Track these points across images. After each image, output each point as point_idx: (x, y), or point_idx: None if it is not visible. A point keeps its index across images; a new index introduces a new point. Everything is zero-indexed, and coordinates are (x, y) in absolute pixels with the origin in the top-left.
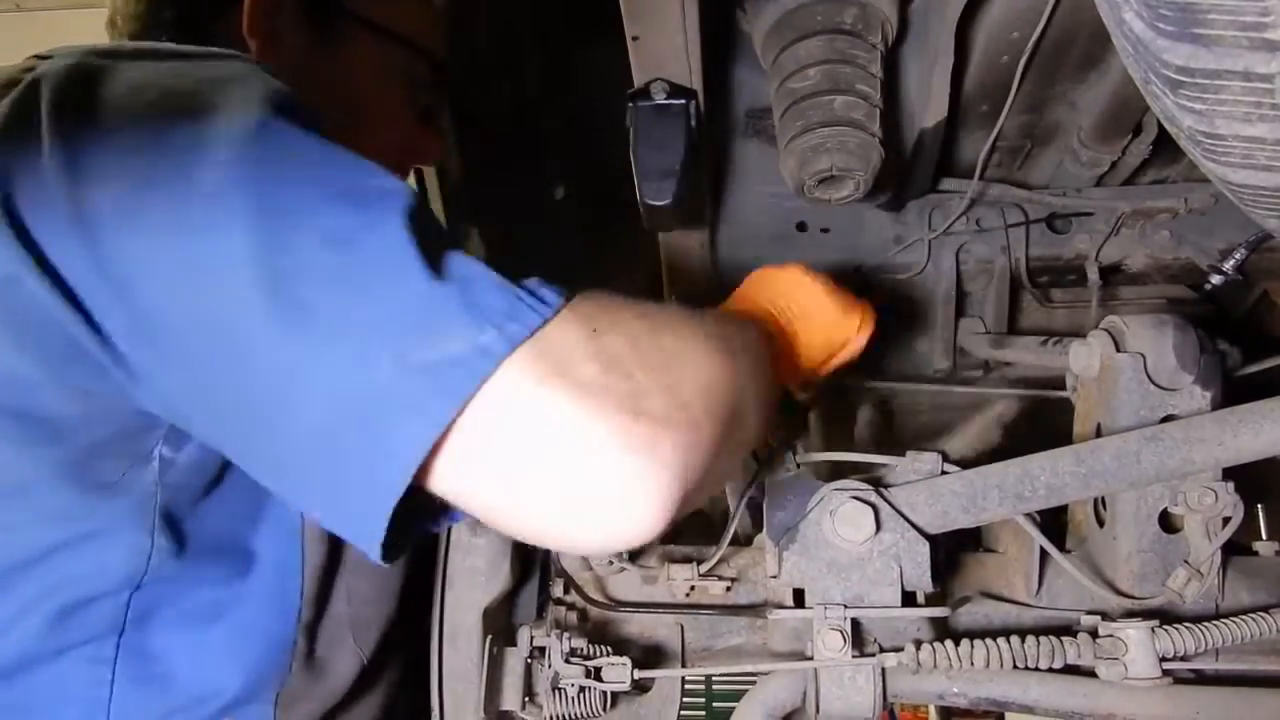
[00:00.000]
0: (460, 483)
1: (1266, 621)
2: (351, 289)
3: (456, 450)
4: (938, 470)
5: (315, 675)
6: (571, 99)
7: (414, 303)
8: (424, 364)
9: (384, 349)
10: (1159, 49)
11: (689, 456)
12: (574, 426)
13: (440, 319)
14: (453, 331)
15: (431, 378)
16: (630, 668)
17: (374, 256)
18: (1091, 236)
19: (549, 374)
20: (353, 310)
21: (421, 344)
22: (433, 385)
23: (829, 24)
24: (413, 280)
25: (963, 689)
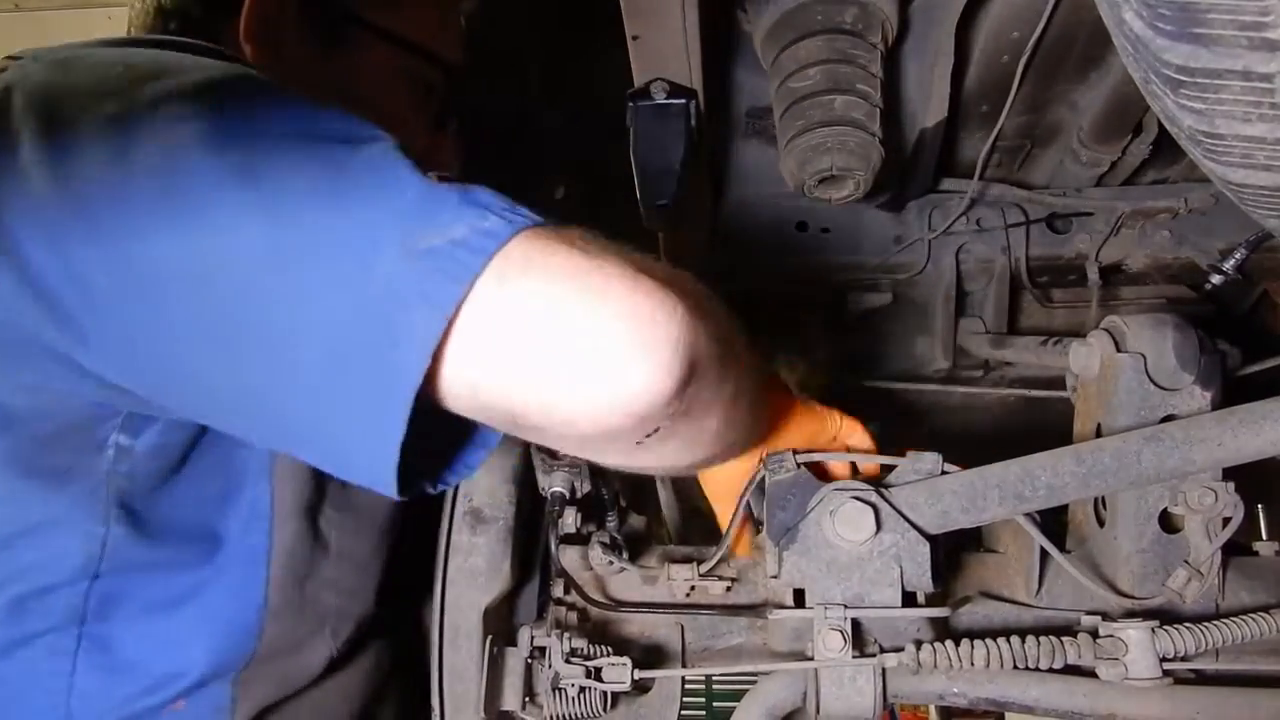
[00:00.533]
0: (473, 369)
1: (1267, 622)
2: (345, 196)
3: (469, 333)
4: (938, 470)
5: (282, 659)
6: (571, 99)
7: (413, 198)
8: (429, 249)
9: (387, 241)
10: (1159, 49)
11: (694, 324)
12: (582, 285)
13: (442, 210)
14: (456, 220)
15: (437, 260)
16: (630, 668)
17: (366, 167)
18: (1091, 236)
19: (553, 245)
20: (351, 212)
21: (425, 232)
22: (439, 267)
23: (829, 24)
24: (409, 182)
25: (963, 689)
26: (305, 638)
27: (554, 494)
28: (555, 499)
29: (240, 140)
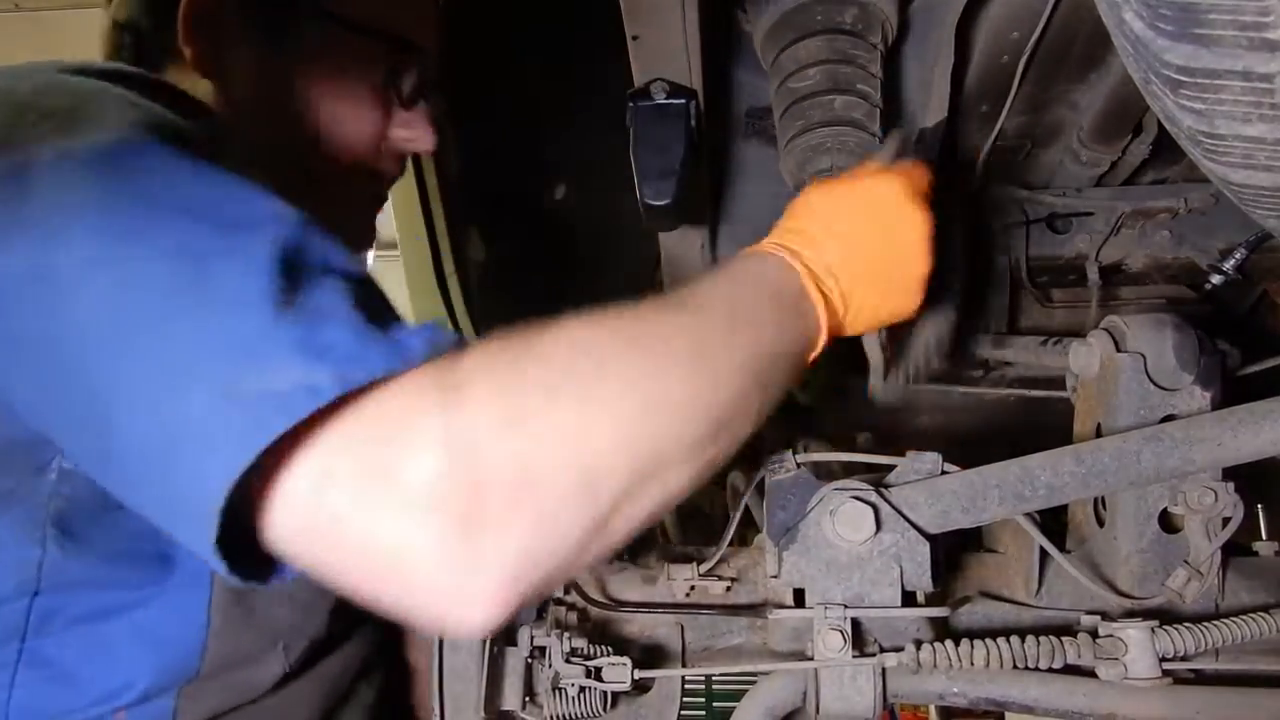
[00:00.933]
0: (276, 529)
1: (1266, 621)
2: (186, 310)
3: (273, 493)
4: (938, 470)
5: (229, 674)
6: (572, 99)
7: (248, 331)
8: (244, 395)
9: (205, 375)
10: (1159, 49)
11: (528, 563)
12: (387, 504)
13: (273, 351)
14: (283, 366)
15: (247, 409)
16: (630, 667)
17: (219, 279)
18: (1091, 236)
19: (372, 434)
20: (184, 332)
21: (248, 375)
22: (246, 417)
23: (829, 24)
24: (253, 308)
25: (963, 689)
26: (255, 654)
27: None
28: None
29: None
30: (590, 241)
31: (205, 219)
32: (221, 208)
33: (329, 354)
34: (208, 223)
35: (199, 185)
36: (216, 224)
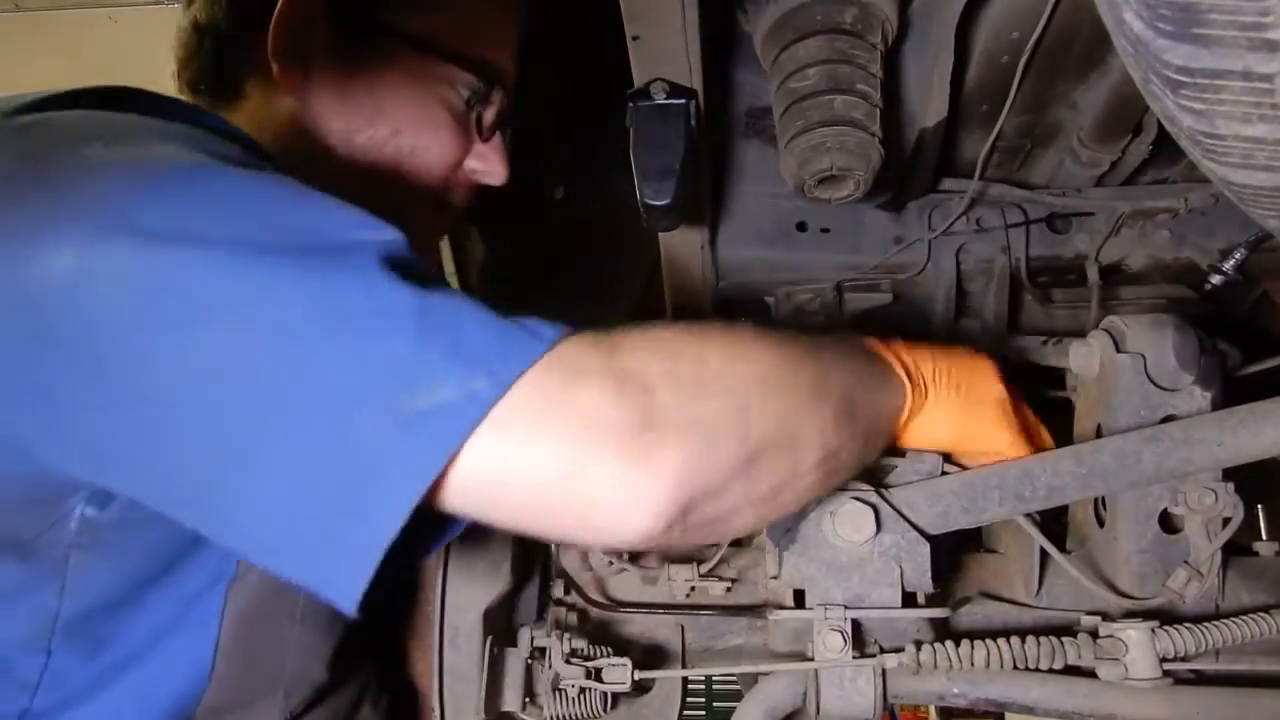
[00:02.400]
0: (470, 508)
1: (1267, 622)
2: (323, 340)
3: (461, 488)
4: (938, 471)
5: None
6: (572, 101)
7: (398, 358)
8: (413, 414)
9: (367, 407)
10: (1159, 49)
11: (692, 473)
12: (566, 459)
13: (430, 371)
14: (444, 380)
15: (424, 426)
16: (631, 668)
17: (346, 302)
18: (1091, 236)
19: (543, 404)
20: (338, 361)
21: (410, 396)
22: (426, 433)
23: (829, 24)
24: (395, 333)
25: (963, 690)
26: (254, 699)
27: None
28: None
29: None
30: (590, 241)
31: (310, 250)
32: (319, 232)
33: (479, 357)
34: (314, 254)
35: (293, 210)
36: (322, 253)
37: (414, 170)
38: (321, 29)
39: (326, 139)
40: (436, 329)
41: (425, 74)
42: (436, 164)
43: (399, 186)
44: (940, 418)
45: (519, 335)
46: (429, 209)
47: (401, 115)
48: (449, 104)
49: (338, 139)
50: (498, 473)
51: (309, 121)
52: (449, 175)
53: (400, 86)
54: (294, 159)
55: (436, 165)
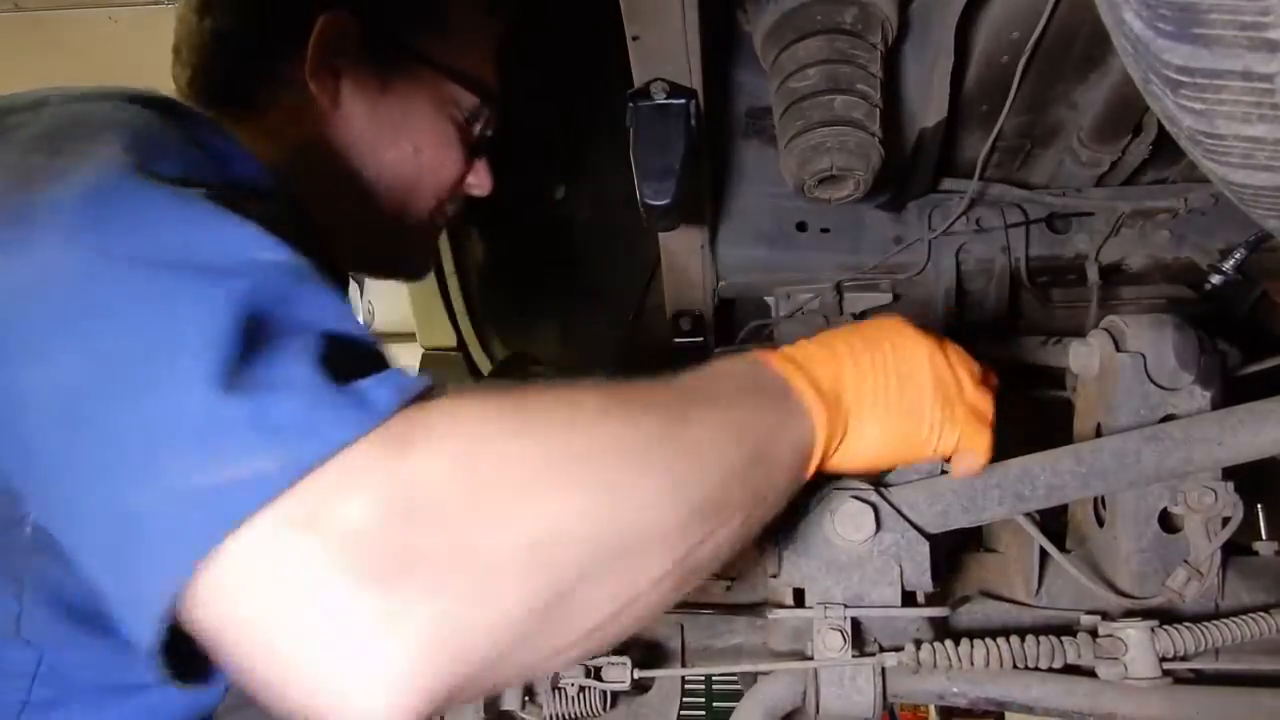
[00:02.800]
0: (208, 621)
1: (1266, 621)
2: (132, 389)
3: (212, 585)
4: (938, 470)
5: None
6: (571, 99)
7: (195, 413)
8: (190, 488)
9: (150, 466)
10: (1159, 49)
11: (461, 615)
12: (321, 590)
13: (221, 435)
14: (232, 452)
15: (194, 505)
16: (630, 667)
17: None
18: (1091, 236)
19: (315, 516)
20: (128, 416)
21: (194, 464)
22: (193, 515)
23: (829, 24)
24: (201, 384)
25: (963, 689)
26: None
27: None
28: None
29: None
30: (590, 241)
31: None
32: (189, 255)
33: (280, 434)
34: (168, 276)
35: (169, 230)
36: (179, 276)
37: (428, 186)
38: (352, 48)
39: (351, 156)
40: (245, 396)
41: (439, 94)
42: (447, 180)
43: (415, 202)
44: (869, 435)
45: (337, 414)
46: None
47: (422, 134)
48: (456, 122)
49: (364, 157)
50: (247, 581)
51: (335, 138)
52: (451, 193)
53: (421, 106)
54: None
55: (447, 181)
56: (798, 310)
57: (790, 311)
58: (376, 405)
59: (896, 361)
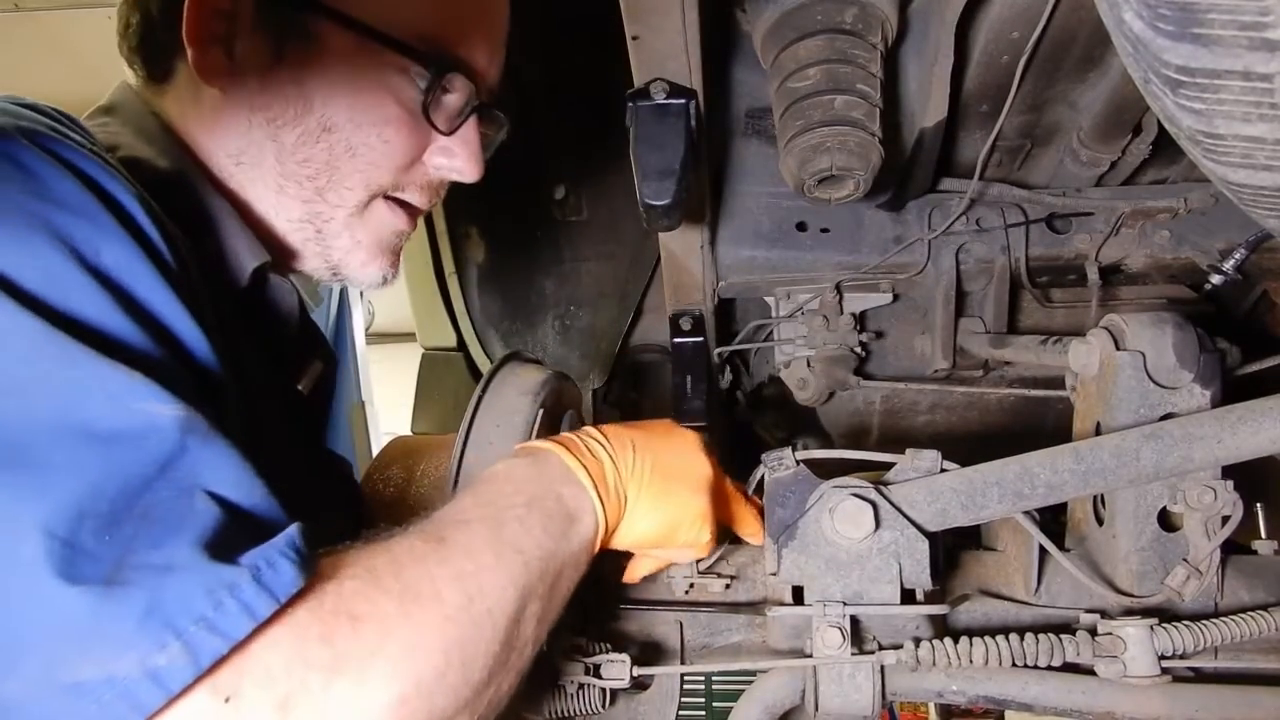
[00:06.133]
0: None
1: (1265, 620)
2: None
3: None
4: (937, 468)
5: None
6: (571, 99)
7: (73, 613)
8: (76, 685)
9: (19, 665)
10: (1159, 49)
11: None
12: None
13: (106, 631)
14: (125, 647)
15: (79, 700)
16: (629, 665)
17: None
18: (1091, 236)
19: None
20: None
21: (79, 659)
22: (78, 709)
23: (829, 24)
24: (77, 581)
25: (962, 687)
26: None
27: None
28: None
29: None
30: (590, 241)
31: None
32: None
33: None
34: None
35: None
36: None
37: (357, 170)
38: (245, 9)
39: (252, 133)
40: (134, 577)
41: (367, 61)
42: (383, 163)
43: (338, 191)
44: (637, 523)
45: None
46: (375, 220)
47: (334, 108)
48: (399, 95)
49: (264, 134)
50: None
51: (233, 113)
52: (402, 173)
53: (333, 75)
54: (222, 156)
55: (383, 164)
56: (798, 310)
57: (790, 311)
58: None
59: (675, 460)
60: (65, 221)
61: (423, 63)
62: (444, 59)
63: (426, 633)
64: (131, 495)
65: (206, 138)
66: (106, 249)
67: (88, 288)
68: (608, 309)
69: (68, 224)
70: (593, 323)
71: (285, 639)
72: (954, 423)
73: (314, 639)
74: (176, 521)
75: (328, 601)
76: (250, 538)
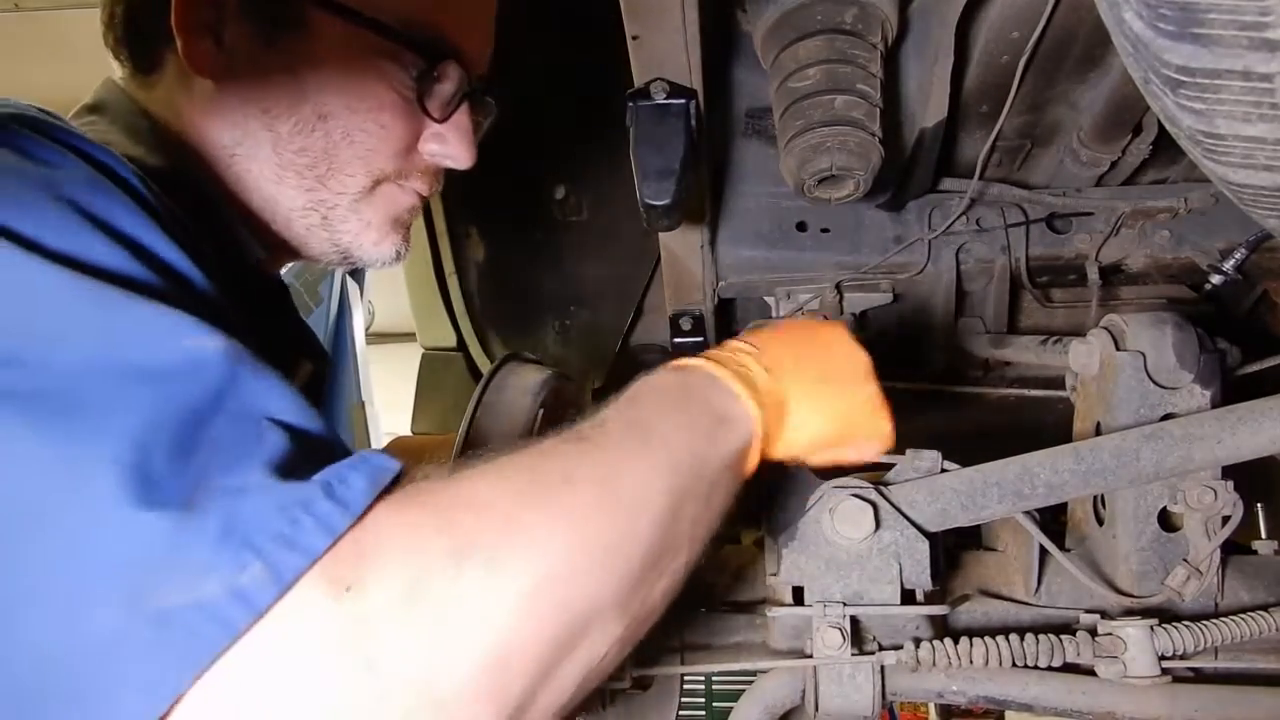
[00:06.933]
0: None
1: (1266, 620)
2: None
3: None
4: (937, 468)
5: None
6: (571, 99)
7: (152, 536)
8: (162, 611)
9: (104, 597)
10: (1159, 49)
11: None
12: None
13: (192, 551)
14: (208, 568)
15: (169, 629)
16: (629, 664)
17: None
18: (1091, 236)
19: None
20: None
21: (162, 585)
22: (170, 638)
23: (829, 23)
24: (152, 504)
25: (962, 687)
26: None
27: None
28: None
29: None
30: (590, 241)
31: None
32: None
33: (256, 543)
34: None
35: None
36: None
37: (356, 157)
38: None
39: (247, 124)
40: (207, 501)
41: (360, 49)
42: (380, 149)
43: (340, 176)
44: (803, 424)
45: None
46: (383, 199)
47: (329, 96)
48: (393, 82)
49: (259, 124)
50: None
51: (226, 104)
52: (401, 160)
53: (326, 64)
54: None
55: (380, 151)
56: (798, 310)
57: (790, 311)
58: (352, 499)
59: (832, 361)
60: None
61: (416, 50)
62: (437, 46)
63: (561, 521)
64: (194, 426)
65: (199, 130)
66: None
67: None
68: (608, 309)
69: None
70: (593, 323)
71: (398, 534)
72: (954, 423)
73: (430, 530)
74: (245, 447)
75: (445, 498)
76: (317, 451)
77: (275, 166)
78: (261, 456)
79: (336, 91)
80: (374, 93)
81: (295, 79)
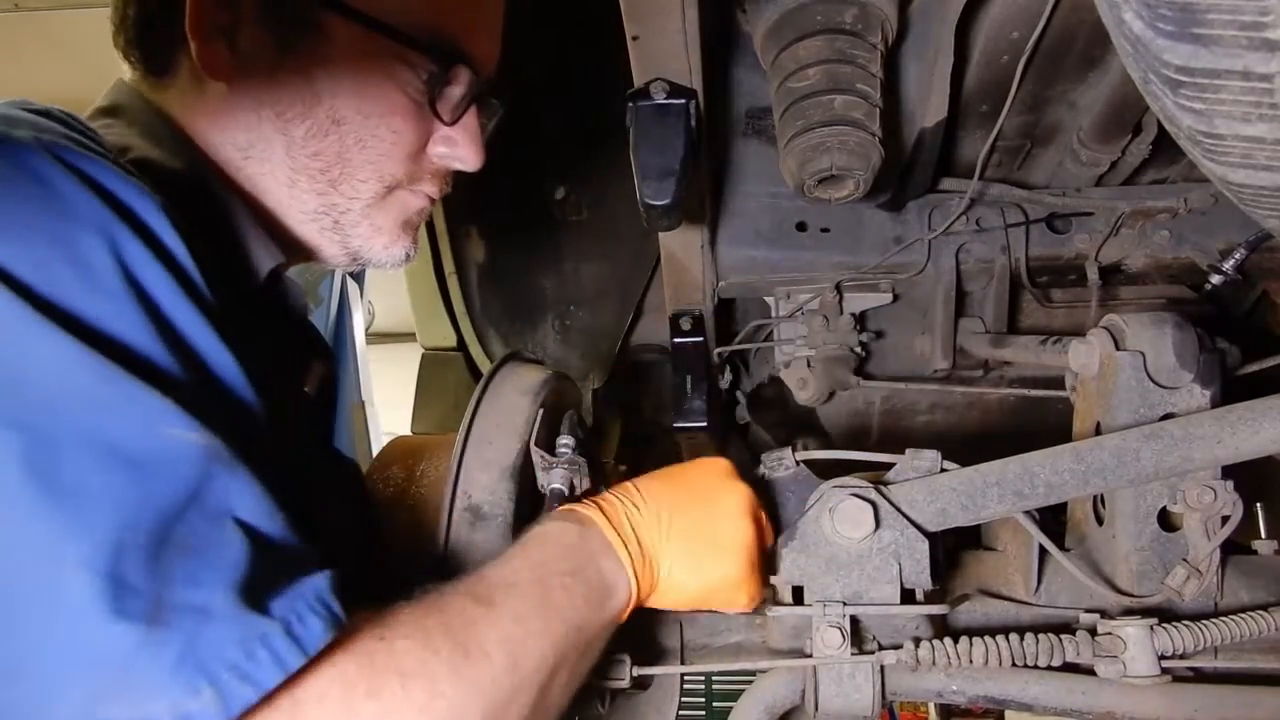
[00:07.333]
0: None
1: (1265, 620)
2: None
3: None
4: (937, 468)
5: None
6: (571, 99)
7: (115, 651)
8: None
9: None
10: (1159, 49)
11: None
12: None
13: (144, 674)
14: (157, 691)
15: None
16: (629, 664)
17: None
18: (1091, 236)
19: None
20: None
21: (116, 698)
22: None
23: (829, 24)
24: (120, 618)
25: (962, 687)
26: None
27: (553, 490)
28: (554, 496)
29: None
30: (590, 241)
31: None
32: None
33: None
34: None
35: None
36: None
37: (368, 161)
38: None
39: (260, 127)
40: (171, 616)
41: (372, 53)
42: (391, 155)
43: (352, 180)
44: (680, 586)
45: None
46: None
47: (342, 100)
48: (404, 85)
49: (273, 128)
50: None
51: (240, 107)
52: (411, 164)
53: (339, 68)
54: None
55: (392, 156)
56: (798, 310)
57: (790, 312)
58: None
59: (711, 510)
60: (89, 241)
61: (428, 53)
62: (448, 50)
63: (474, 694)
64: (167, 524)
65: (213, 133)
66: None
67: (111, 305)
68: (608, 309)
69: (91, 243)
70: (593, 323)
71: (333, 692)
72: (954, 423)
73: (361, 694)
74: (211, 553)
75: (379, 659)
76: (279, 572)
77: (288, 170)
78: (227, 571)
79: (350, 95)
80: (386, 96)
81: (309, 82)
